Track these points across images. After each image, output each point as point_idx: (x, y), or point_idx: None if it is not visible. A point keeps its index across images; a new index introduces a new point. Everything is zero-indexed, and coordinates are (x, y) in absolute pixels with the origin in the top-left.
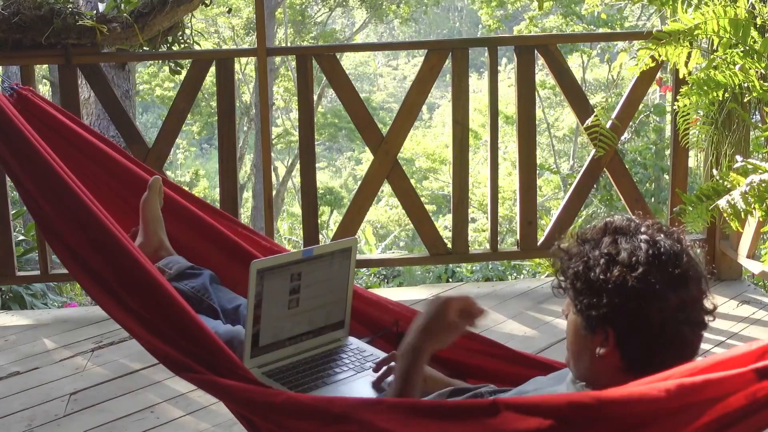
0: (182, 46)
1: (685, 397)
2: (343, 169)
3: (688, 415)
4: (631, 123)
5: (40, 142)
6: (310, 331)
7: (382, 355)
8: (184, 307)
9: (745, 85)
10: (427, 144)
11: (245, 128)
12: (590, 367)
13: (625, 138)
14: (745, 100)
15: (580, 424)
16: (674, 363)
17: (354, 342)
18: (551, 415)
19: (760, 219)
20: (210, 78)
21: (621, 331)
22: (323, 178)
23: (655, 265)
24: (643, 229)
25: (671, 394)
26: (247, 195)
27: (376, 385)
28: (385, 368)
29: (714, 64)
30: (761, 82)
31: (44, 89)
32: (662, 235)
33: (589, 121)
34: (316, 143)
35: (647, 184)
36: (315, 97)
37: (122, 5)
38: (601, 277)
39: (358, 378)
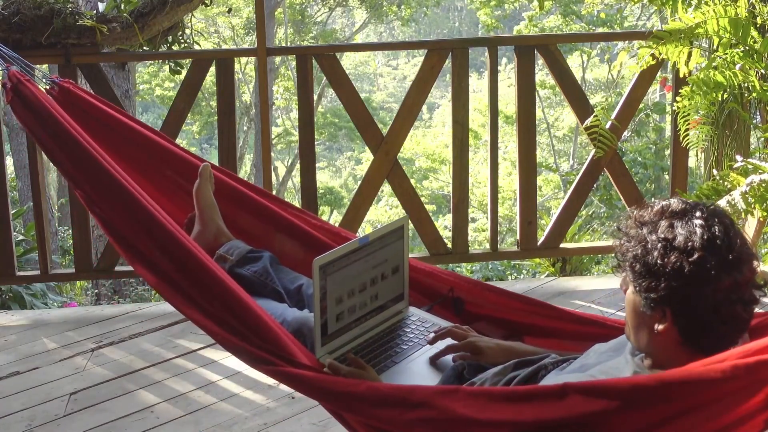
0: (182, 46)
1: (740, 378)
2: (343, 169)
3: (743, 395)
4: (631, 122)
5: (85, 136)
6: (374, 309)
7: (442, 323)
8: (247, 302)
9: (745, 85)
10: (427, 144)
11: (245, 128)
12: (649, 341)
13: (625, 136)
14: (746, 100)
15: (644, 405)
16: (729, 336)
17: (415, 313)
18: (617, 398)
19: (761, 219)
20: (210, 78)
21: (678, 310)
22: (323, 178)
23: (710, 249)
24: (698, 214)
25: (727, 375)
26: None
27: (433, 362)
28: (443, 347)
29: (714, 63)
30: (761, 82)
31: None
32: (716, 219)
33: (588, 122)
34: (316, 143)
35: (647, 184)
36: (315, 97)
37: (122, 5)
38: (658, 261)
39: (423, 352)
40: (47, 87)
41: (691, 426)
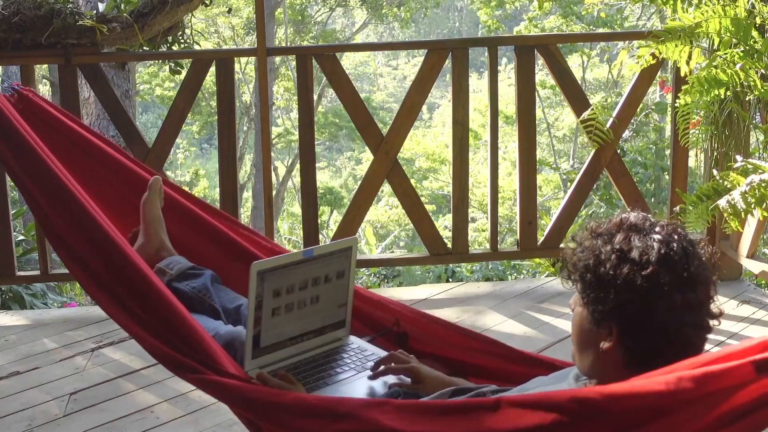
0: (182, 46)
1: (686, 391)
2: (343, 169)
3: (689, 411)
4: (632, 121)
5: (39, 143)
6: (311, 331)
7: (382, 353)
8: (181, 311)
9: (746, 84)
10: (427, 144)
11: (245, 128)
12: (594, 361)
13: (626, 136)
14: (746, 100)
15: (584, 419)
16: (675, 361)
17: (355, 341)
18: (554, 411)
19: (761, 219)
20: (210, 78)
21: (625, 327)
22: (323, 178)
23: (665, 265)
24: (657, 229)
25: (671, 387)
26: (247, 195)
27: (371, 380)
28: (383, 367)
29: (714, 63)
30: (762, 81)
31: (44, 89)
32: (676, 237)
33: (585, 114)
34: (316, 143)
35: (647, 184)
36: (315, 97)
37: (122, 5)
38: (610, 272)
39: (359, 377)
40: (7, 94)
41: None
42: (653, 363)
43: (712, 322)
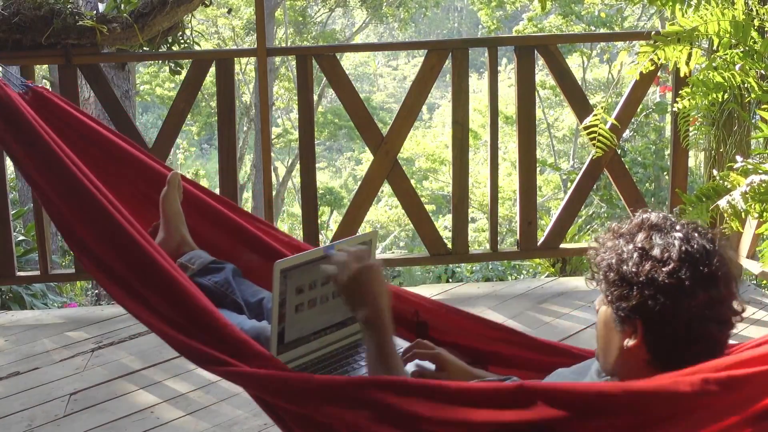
0: (182, 46)
1: (710, 393)
2: (343, 169)
3: (714, 412)
4: (632, 121)
5: (56, 140)
6: (333, 324)
7: (403, 344)
8: (208, 306)
9: (745, 85)
10: (427, 144)
11: (245, 128)
12: (618, 359)
13: (626, 136)
14: (746, 101)
15: (605, 413)
16: (700, 359)
17: None
18: (577, 403)
19: (760, 219)
20: (210, 78)
21: (649, 324)
22: (323, 178)
23: (687, 261)
24: (678, 227)
25: (696, 389)
26: (247, 195)
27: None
28: (410, 353)
29: (714, 64)
30: (761, 82)
31: None
32: (696, 234)
33: (587, 121)
34: (316, 143)
35: (647, 184)
36: (315, 97)
37: (122, 5)
38: (633, 270)
39: None
40: (20, 91)
41: None
42: (677, 360)
43: (735, 319)
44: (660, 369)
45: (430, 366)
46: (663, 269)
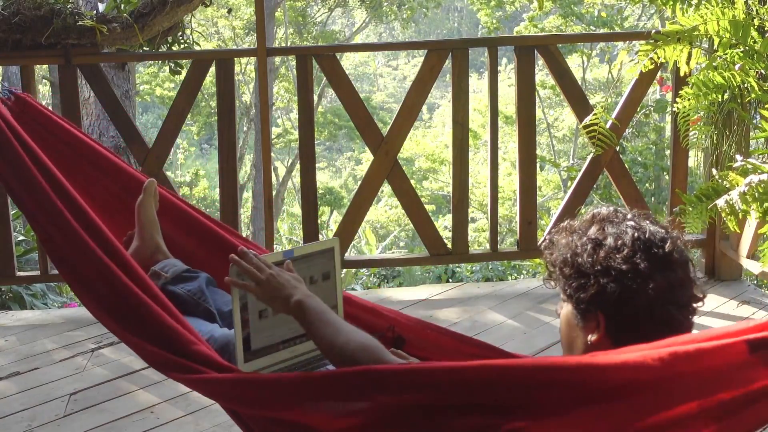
0: (182, 46)
1: (678, 364)
2: (343, 169)
3: (681, 386)
4: (632, 121)
5: (32, 147)
6: (303, 334)
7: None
8: (174, 314)
9: (745, 85)
10: (427, 144)
11: (245, 128)
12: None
13: (626, 135)
14: (746, 101)
15: (572, 386)
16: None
17: None
18: (551, 377)
19: (759, 219)
20: (210, 78)
21: (609, 313)
22: (323, 178)
23: (640, 247)
24: (629, 217)
25: (664, 362)
26: (247, 195)
27: None
28: None
29: (714, 64)
30: (760, 82)
31: (44, 89)
32: (648, 222)
33: (587, 120)
34: (316, 143)
35: (647, 184)
36: (315, 97)
37: (122, 5)
38: (588, 260)
39: None
40: (3, 96)
41: (621, 412)
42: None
43: (696, 304)
44: None
45: None
46: (617, 255)
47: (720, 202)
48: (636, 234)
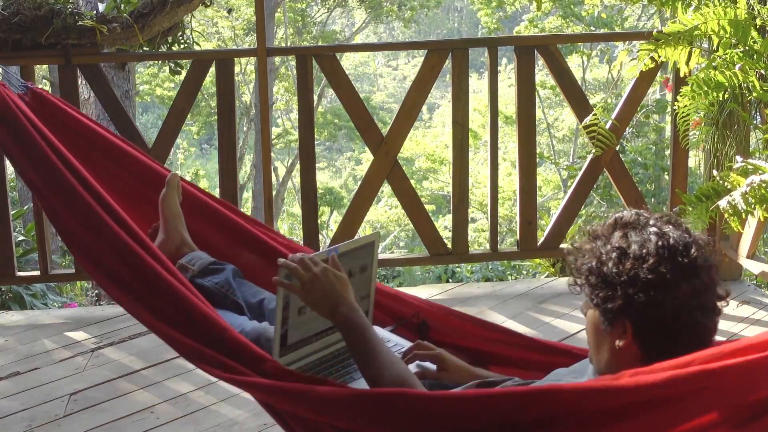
0: (182, 46)
1: (704, 382)
2: (343, 169)
3: (705, 399)
4: (632, 121)
5: (53, 142)
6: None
7: (405, 343)
8: (206, 311)
9: (745, 85)
10: (426, 144)
11: (245, 128)
12: (610, 360)
13: (626, 134)
14: (746, 101)
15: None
16: (692, 349)
17: (378, 332)
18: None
19: (761, 219)
20: (210, 78)
21: (637, 322)
22: (323, 178)
23: (665, 255)
24: (651, 222)
25: (691, 380)
26: (247, 195)
27: None
28: (411, 354)
29: (714, 64)
30: (761, 82)
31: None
32: (671, 227)
33: (587, 120)
34: (316, 143)
35: (647, 184)
36: (315, 97)
37: (122, 5)
38: (614, 270)
39: None
40: (20, 92)
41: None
42: (669, 352)
43: (721, 304)
44: (653, 364)
45: (432, 366)
46: (643, 266)
47: (722, 203)
48: (660, 242)
